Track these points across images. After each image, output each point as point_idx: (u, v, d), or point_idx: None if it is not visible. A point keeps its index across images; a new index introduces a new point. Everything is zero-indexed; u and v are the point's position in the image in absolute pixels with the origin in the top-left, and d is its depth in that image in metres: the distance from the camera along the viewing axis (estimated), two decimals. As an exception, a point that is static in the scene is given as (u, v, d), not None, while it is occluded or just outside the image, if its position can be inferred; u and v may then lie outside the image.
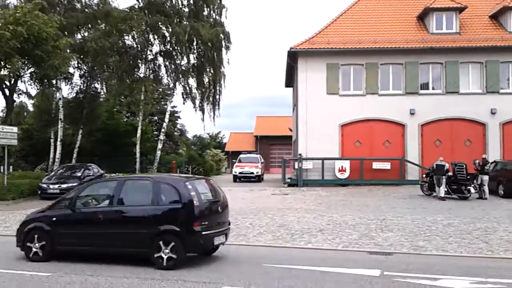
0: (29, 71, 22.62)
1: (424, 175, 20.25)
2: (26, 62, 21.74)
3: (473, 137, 24.42)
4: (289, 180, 25.51)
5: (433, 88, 25.12)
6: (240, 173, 30.51)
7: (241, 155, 33.19)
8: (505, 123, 24.28)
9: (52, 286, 6.62)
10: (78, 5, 30.14)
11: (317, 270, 7.43)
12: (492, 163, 20.56)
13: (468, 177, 17.86)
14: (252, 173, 30.31)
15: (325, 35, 25.73)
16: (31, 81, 23.41)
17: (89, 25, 29.39)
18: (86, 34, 29.85)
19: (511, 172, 18.29)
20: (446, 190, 17.83)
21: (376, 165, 23.81)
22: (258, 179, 30.40)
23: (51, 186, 20.91)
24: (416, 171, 23.86)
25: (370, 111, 24.72)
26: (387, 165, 23.77)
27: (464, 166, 17.98)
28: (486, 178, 17.98)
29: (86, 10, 30.01)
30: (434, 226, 11.70)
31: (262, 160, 33.85)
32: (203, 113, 33.19)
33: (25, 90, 24.04)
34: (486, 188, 17.81)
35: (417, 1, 27.12)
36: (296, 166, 24.69)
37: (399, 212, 14.19)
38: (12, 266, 7.95)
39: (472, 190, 17.50)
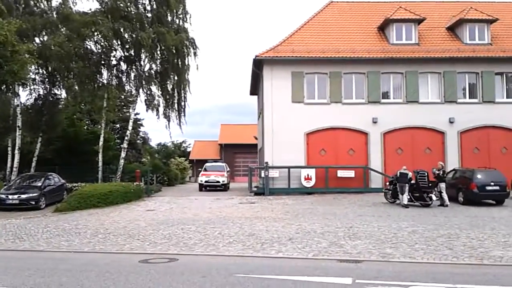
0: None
1: (387, 183, 20.70)
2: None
3: (432, 145, 25.27)
4: (255, 189, 25.55)
5: (394, 98, 25.85)
6: (206, 181, 30.33)
7: (207, 164, 33.01)
8: (463, 132, 25.30)
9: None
10: (37, 9, 29.30)
11: (289, 279, 7.43)
12: (451, 171, 21.31)
13: (430, 184, 18.39)
14: (218, 181, 30.17)
15: (290, 43, 26.07)
16: (-13, 87, 22.53)
17: (49, 30, 28.56)
18: (45, 38, 28.99)
19: (469, 180, 18.92)
20: (409, 197, 18.31)
21: (341, 173, 24.21)
22: (224, 187, 30.30)
23: (10, 197, 20.22)
24: (379, 179, 24.41)
25: (334, 120, 25.18)
26: (351, 173, 24.21)
27: (426, 174, 18.54)
28: (443, 185, 18.59)
29: (45, 14, 29.23)
30: (400, 233, 11.97)
31: (228, 169, 33.75)
32: (168, 120, 32.77)
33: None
34: (445, 195, 18.39)
35: (378, 13, 28.04)
36: (263, 175, 24.76)
37: (365, 220, 14.44)
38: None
39: (434, 197, 18.04)
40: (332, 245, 10.58)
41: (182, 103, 33.14)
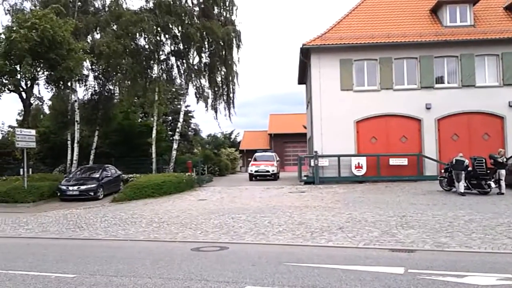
0: (45, 74, 22.87)
1: (442, 171, 20.01)
2: (41, 65, 21.99)
3: (491, 131, 24.15)
4: (305, 178, 25.47)
5: (448, 82, 24.87)
6: (256, 171, 30.54)
7: (257, 154, 33.22)
8: (524, 116, 23.91)
9: (78, 287, 6.67)
10: (91, 8, 30.41)
11: (339, 269, 7.37)
12: (511, 157, 20.28)
13: (488, 171, 17.60)
14: (268, 171, 30.31)
15: (338, 30, 25.62)
16: (47, 84, 23.68)
17: (101, 28, 29.59)
18: (98, 36, 30.07)
19: (532, 166, 17.93)
20: (465, 185, 17.62)
21: (393, 161, 23.65)
22: (274, 177, 30.39)
23: (70, 188, 21.21)
24: (434, 166, 23.67)
25: (385, 107, 24.57)
26: (404, 161, 23.59)
27: (484, 160, 17.73)
28: (503, 172, 17.69)
29: (99, 12, 30.29)
30: (456, 222, 11.56)
31: (278, 158, 33.82)
32: (216, 112, 33.25)
33: (38, 95, 24.41)
34: (503, 183, 17.53)
35: (430, -6, 26.87)
36: (312, 164, 24.63)
37: (419, 209, 14.05)
38: (36, 268, 8.03)
39: (493, 185, 17.25)
40: (384, 234, 10.38)
41: (231, 95, 33.49)
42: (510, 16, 25.60)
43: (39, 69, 22.29)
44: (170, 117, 48.49)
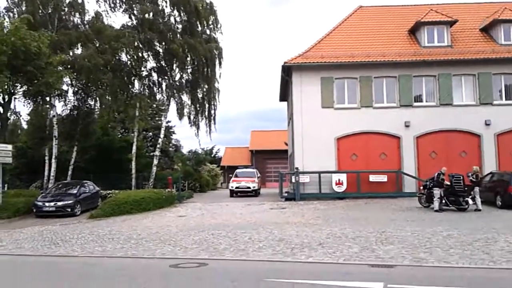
0: (22, 89, 22.57)
1: (421, 187, 20.24)
2: (19, 79, 21.69)
3: (468, 149, 24.58)
4: (286, 194, 25.46)
5: (426, 101, 25.32)
6: (237, 187, 30.47)
7: (238, 170, 33.17)
8: (500, 134, 24.52)
9: None
10: (70, 24, 30.25)
11: (319, 284, 7.34)
12: (488, 174, 20.69)
13: (466, 188, 17.87)
14: (249, 187, 30.26)
15: (319, 49, 25.97)
16: (25, 99, 23.34)
17: (82, 43, 29.44)
18: (79, 51, 29.90)
19: (507, 183, 18.29)
20: (444, 202, 17.85)
21: (373, 178, 23.84)
22: (255, 193, 30.35)
23: (46, 204, 20.78)
24: (413, 183, 23.93)
25: (365, 124, 24.85)
26: (383, 178, 23.81)
27: (462, 177, 18.02)
28: (477, 189, 18.02)
29: (79, 27, 30.13)
30: (434, 237, 11.65)
31: (259, 175, 33.81)
32: (197, 128, 33.20)
33: (15, 110, 24.11)
34: (478, 200, 17.82)
35: (408, 16, 27.62)
36: (293, 180, 24.65)
37: (398, 225, 14.14)
38: (9, 286, 7.78)
39: (470, 201, 17.52)
40: (363, 250, 10.39)
41: (212, 111, 33.56)
42: (486, 38, 26.35)
43: (17, 83, 21.99)
44: (150, 133, 48.17)
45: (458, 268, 8.48)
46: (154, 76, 32.26)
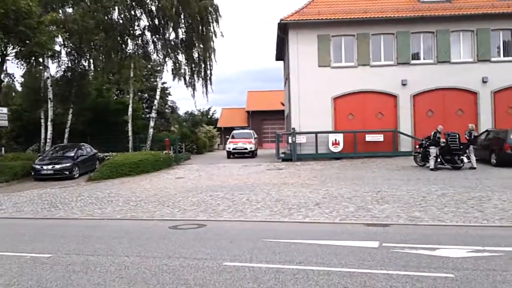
0: (15, 50, 22.18)
1: (417, 146, 20.35)
2: (11, 40, 21.28)
3: (465, 107, 24.57)
4: (283, 155, 25.57)
5: (424, 58, 25.06)
6: (234, 149, 30.52)
7: (234, 131, 33.15)
8: (497, 92, 24.44)
9: (53, 267, 6.60)
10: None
11: (316, 243, 7.47)
12: (484, 132, 20.77)
13: (461, 147, 17.97)
14: (246, 148, 30.33)
15: (316, 5, 25.49)
16: (18, 60, 22.98)
17: (73, 2, 28.68)
18: (70, 10, 29.18)
19: (503, 141, 18.39)
20: (439, 160, 17.99)
21: (369, 138, 23.90)
22: (252, 154, 30.46)
23: (44, 167, 20.85)
24: (409, 142, 24.04)
25: (362, 83, 24.71)
26: (380, 137, 23.88)
27: (457, 136, 18.08)
28: (471, 148, 18.13)
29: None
30: (429, 196, 11.83)
31: (256, 136, 33.84)
32: (193, 89, 32.89)
33: (8, 72, 23.71)
34: (473, 158, 17.95)
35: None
36: (290, 141, 24.71)
37: (394, 184, 14.32)
38: (11, 248, 7.91)
39: (465, 160, 17.66)
40: (359, 209, 10.55)
41: (208, 71, 33.13)
42: (486, -8, 25.79)
43: (9, 44, 21.59)
44: (146, 95, 47.84)
45: (452, 226, 8.65)
46: (148, 35, 31.66)
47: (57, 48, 27.25)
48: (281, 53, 30.95)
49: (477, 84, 24.45)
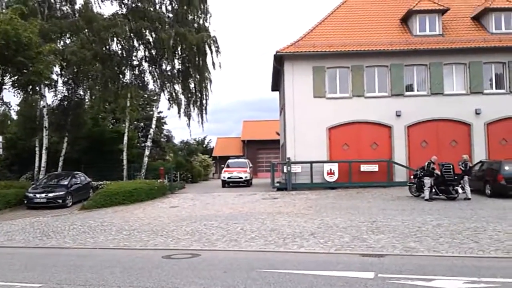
0: (12, 79, 22.31)
1: (412, 177, 20.39)
2: (8, 70, 21.44)
3: (458, 138, 24.78)
4: (278, 184, 25.54)
5: (418, 90, 25.41)
6: (228, 178, 30.45)
7: (230, 160, 33.14)
8: (490, 123, 24.72)
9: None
10: (60, 13, 29.82)
11: (310, 274, 7.40)
12: (478, 163, 20.88)
13: (455, 177, 18.03)
14: (241, 178, 30.27)
15: (311, 38, 25.90)
16: (14, 89, 23.08)
17: (72, 33, 29.06)
18: (68, 41, 29.52)
19: (497, 172, 18.48)
20: (434, 191, 18.01)
21: (364, 168, 23.97)
22: (247, 183, 30.37)
23: (37, 195, 20.65)
24: (403, 172, 24.08)
25: (356, 114, 24.93)
26: (375, 167, 23.95)
27: (452, 166, 18.16)
28: (466, 178, 18.20)
29: (69, 17, 29.72)
30: (424, 227, 11.79)
31: (251, 165, 33.82)
32: (189, 118, 33.01)
33: (5, 100, 23.83)
34: (467, 188, 17.99)
35: (400, 4, 27.56)
36: (285, 170, 24.72)
37: (389, 214, 14.27)
38: (1, 277, 7.77)
39: (460, 190, 17.69)
40: (354, 239, 10.49)
41: (204, 101, 33.34)
42: (477, 26, 26.41)
43: (6, 73, 21.74)
44: (142, 123, 47.91)
45: (448, 257, 8.59)
46: (145, 65, 32.00)
47: (54, 77, 27.42)
48: (277, 84, 31.30)
49: (470, 116, 24.73)
